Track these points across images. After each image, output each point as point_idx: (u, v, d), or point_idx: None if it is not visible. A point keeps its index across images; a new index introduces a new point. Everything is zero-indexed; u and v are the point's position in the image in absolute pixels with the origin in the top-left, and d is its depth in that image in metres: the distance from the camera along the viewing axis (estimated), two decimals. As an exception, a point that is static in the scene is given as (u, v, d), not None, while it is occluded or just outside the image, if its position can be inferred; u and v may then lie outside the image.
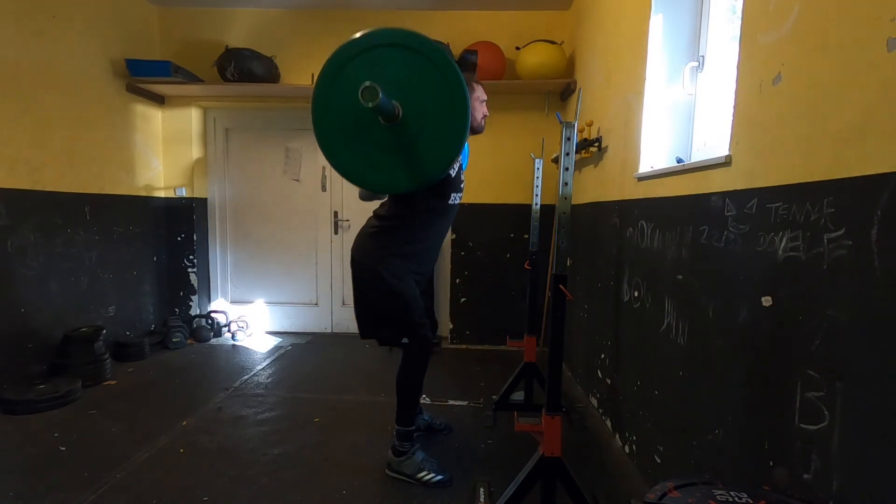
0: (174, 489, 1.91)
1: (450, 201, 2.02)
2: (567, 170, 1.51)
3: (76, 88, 3.16)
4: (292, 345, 3.97)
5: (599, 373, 2.66)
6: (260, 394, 2.92)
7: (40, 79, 2.90)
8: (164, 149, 4.03)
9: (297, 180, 4.25)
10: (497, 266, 3.99)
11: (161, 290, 4.02)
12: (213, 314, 4.13)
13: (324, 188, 4.24)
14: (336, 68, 1.66)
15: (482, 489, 1.87)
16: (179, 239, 4.09)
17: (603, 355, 2.61)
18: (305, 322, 4.35)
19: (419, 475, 1.97)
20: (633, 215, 2.19)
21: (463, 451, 2.27)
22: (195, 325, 4.01)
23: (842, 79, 1.03)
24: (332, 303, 4.32)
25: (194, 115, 4.07)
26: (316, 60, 3.84)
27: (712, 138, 1.90)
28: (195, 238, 4.11)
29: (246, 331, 4.11)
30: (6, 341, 2.70)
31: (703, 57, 1.98)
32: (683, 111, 2.06)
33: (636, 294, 2.13)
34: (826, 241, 1.05)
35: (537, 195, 2.62)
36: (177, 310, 4.13)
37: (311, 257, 4.31)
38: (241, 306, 4.35)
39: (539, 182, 2.61)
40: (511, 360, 3.63)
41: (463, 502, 1.86)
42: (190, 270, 4.13)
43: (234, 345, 3.94)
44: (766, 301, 1.24)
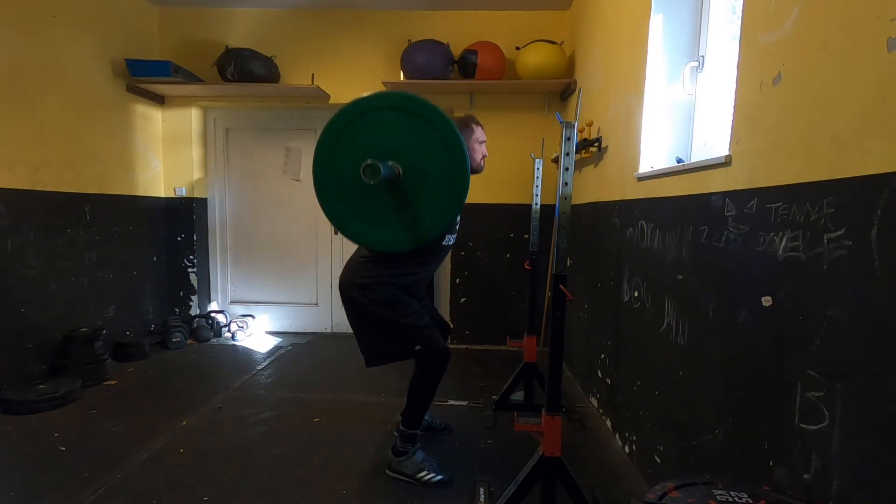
0: (174, 489, 1.91)
1: (443, 242, 2.03)
2: (567, 170, 1.51)
3: (76, 88, 3.16)
4: (292, 345, 3.97)
5: (599, 373, 2.66)
6: (260, 394, 2.92)
7: (40, 79, 2.90)
8: (164, 149, 4.02)
9: (297, 180, 4.25)
10: (497, 266, 3.99)
11: (161, 290, 4.02)
12: (213, 314, 4.13)
13: (324, 188, 4.23)
14: (336, 132, 1.68)
15: (482, 489, 1.87)
16: (179, 239, 4.09)
17: (603, 355, 2.61)
18: (305, 322, 4.35)
19: (419, 475, 1.97)
20: (633, 215, 2.19)
21: (463, 451, 2.27)
22: (195, 325, 4.01)
23: (842, 79, 1.03)
24: (332, 303, 4.31)
25: (194, 115, 4.07)
26: (316, 60, 3.88)
27: (712, 138, 1.90)
28: (195, 238, 4.11)
29: (246, 331, 4.11)
30: (6, 341, 2.70)
31: (703, 57, 1.98)
32: (683, 111, 2.06)
33: (636, 294, 2.13)
34: (826, 241, 1.05)
35: (537, 195, 2.62)
36: (177, 310, 4.13)
37: (311, 257, 4.31)
38: (241, 306, 4.35)
39: (539, 182, 2.61)
40: (511, 360, 3.63)
41: (463, 502, 1.86)
42: (190, 270, 4.13)
43: (234, 345, 3.94)
44: (766, 301, 1.24)
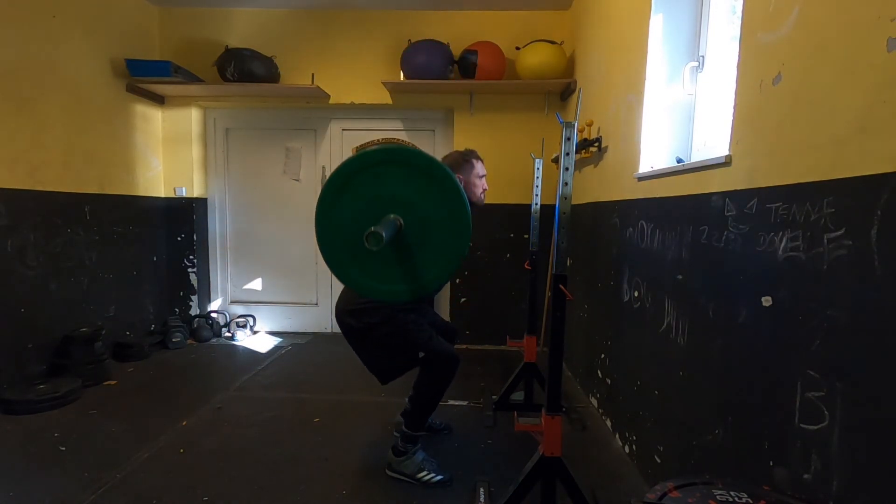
0: (174, 489, 1.91)
1: None
2: (567, 170, 1.51)
3: (76, 88, 3.16)
4: (292, 345, 3.97)
5: (599, 373, 2.66)
6: (260, 394, 2.92)
7: (40, 79, 2.90)
8: (164, 149, 4.02)
9: (297, 180, 4.25)
10: (497, 266, 3.99)
11: (161, 290, 4.02)
12: (213, 314, 4.13)
13: (324, 188, 4.23)
14: (339, 184, 1.70)
15: (482, 489, 1.87)
16: (179, 239, 4.09)
17: (603, 355, 2.61)
18: (305, 322, 4.35)
19: (419, 475, 1.97)
20: (633, 215, 2.19)
21: (463, 451, 2.27)
22: (195, 325, 4.01)
23: (842, 79, 1.03)
24: (332, 303, 4.30)
25: (194, 115, 4.07)
26: (316, 60, 3.88)
27: (712, 138, 1.90)
28: (195, 238, 4.11)
29: (246, 331, 4.11)
30: (6, 341, 2.70)
31: (703, 57, 1.98)
32: (683, 111, 2.06)
33: (636, 294, 2.13)
34: (826, 241, 1.05)
35: (537, 195, 2.62)
36: (177, 310, 4.12)
37: (311, 257, 4.31)
38: (241, 306, 4.35)
39: (539, 182, 2.61)
40: (511, 360, 3.63)
41: (463, 502, 1.86)
42: (190, 270, 4.13)
43: (234, 345, 3.94)
44: (766, 301, 1.24)
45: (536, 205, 2.63)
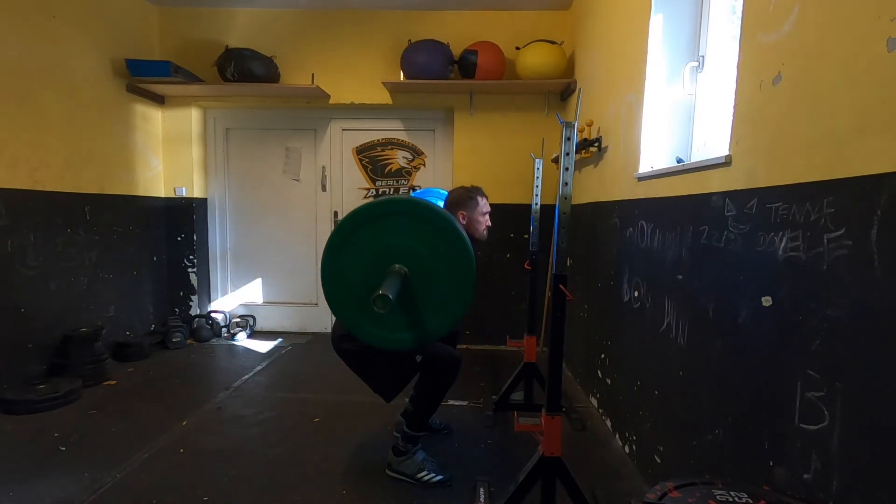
0: (174, 489, 1.91)
1: None
2: (567, 170, 1.51)
3: (76, 88, 3.16)
4: (292, 345, 3.97)
5: (599, 373, 2.66)
6: (260, 394, 2.92)
7: (40, 79, 2.90)
8: (164, 149, 4.02)
9: (297, 180, 4.25)
10: (497, 266, 3.99)
11: (161, 290, 4.02)
12: (213, 314, 4.13)
13: (324, 188, 4.24)
14: (346, 234, 1.73)
15: (482, 489, 1.87)
16: (179, 239, 4.09)
17: (603, 355, 2.61)
18: (305, 322, 4.35)
19: (419, 475, 1.97)
20: (633, 215, 2.19)
21: (463, 451, 2.27)
22: (195, 325, 4.01)
23: (842, 79, 1.03)
24: (332, 303, 4.31)
25: (194, 115, 4.07)
26: (316, 60, 3.88)
27: (712, 138, 1.90)
28: (195, 238, 4.11)
29: (246, 331, 4.11)
30: (6, 341, 2.70)
31: (703, 57, 1.98)
32: (683, 111, 2.06)
33: (636, 294, 2.13)
34: (826, 241, 1.05)
35: (537, 195, 2.62)
36: (177, 310, 4.12)
37: (311, 257, 4.30)
38: (241, 306, 4.35)
39: (539, 182, 2.61)
40: (511, 360, 3.63)
41: (463, 502, 1.86)
42: (190, 270, 4.13)
43: (234, 345, 3.94)
44: (766, 301, 1.24)
45: (536, 205, 2.63)
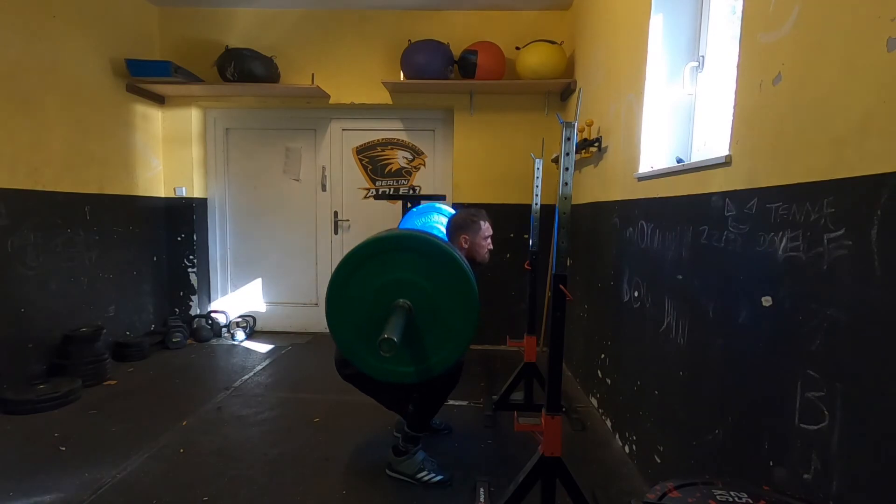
0: (174, 489, 1.91)
1: None
2: (567, 170, 1.51)
3: (76, 88, 3.16)
4: (292, 345, 3.97)
5: (599, 373, 2.66)
6: (260, 394, 2.92)
7: (40, 79, 2.90)
8: (164, 149, 4.02)
9: (297, 180, 4.25)
10: (497, 266, 3.99)
11: (161, 290, 4.02)
12: (213, 314, 4.13)
13: (324, 188, 4.24)
14: (351, 269, 1.75)
15: (482, 489, 1.87)
16: (179, 239, 4.09)
17: (603, 355, 2.61)
18: (305, 322, 4.35)
19: (419, 475, 1.97)
20: (633, 215, 2.19)
21: (463, 451, 2.27)
22: (195, 325, 4.01)
23: (842, 79, 1.03)
24: (332, 303, 4.31)
25: (194, 115, 4.07)
26: (316, 60, 3.88)
27: (712, 138, 1.90)
28: (195, 238, 4.11)
29: (246, 331, 4.11)
30: (6, 341, 2.70)
31: (703, 57, 1.98)
32: (683, 111, 2.06)
33: (636, 294, 2.13)
34: (826, 241, 1.05)
35: (537, 195, 2.62)
36: (177, 310, 4.13)
37: (311, 257, 4.31)
38: (241, 306, 4.35)
39: (539, 182, 2.60)
40: (511, 360, 3.63)
41: (463, 502, 1.86)
42: (190, 270, 4.13)
43: (234, 345, 3.94)
44: (766, 301, 1.24)
45: (536, 205, 2.63)
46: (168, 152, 4.03)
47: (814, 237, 1.09)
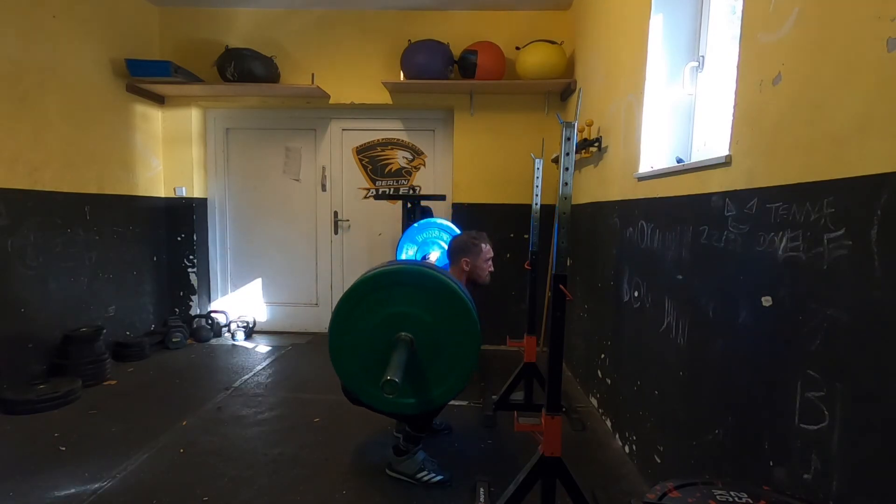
0: (174, 489, 1.91)
1: None
2: (567, 170, 1.51)
3: (76, 88, 3.16)
4: (292, 345, 3.97)
5: (599, 373, 2.66)
6: (260, 394, 2.92)
7: (40, 79, 2.90)
8: (164, 149, 4.02)
9: (297, 180, 4.25)
10: (497, 266, 3.97)
11: (161, 290, 4.02)
12: (213, 314, 4.13)
13: (324, 188, 4.24)
14: (354, 302, 1.78)
15: (482, 489, 1.87)
16: (179, 239, 4.09)
17: (603, 355, 2.61)
18: (305, 322, 4.35)
19: (419, 475, 1.97)
20: (633, 215, 2.19)
21: (463, 451, 2.27)
22: (195, 325, 4.01)
23: (842, 79, 1.03)
24: (332, 303, 4.31)
25: (194, 115, 4.07)
26: (316, 60, 3.88)
27: (712, 138, 1.90)
28: (195, 238, 4.11)
29: (246, 331, 4.11)
30: (6, 341, 2.70)
31: (703, 57, 1.98)
32: (683, 111, 2.06)
33: (636, 294, 2.13)
34: (826, 241, 1.05)
35: (537, 195, 2.62)
36: (177, 310, 4.13)
37: (311, 257, 4.31)
38: (241, 306, 4.35)
39: (539, 182, 2.60)
40: (511, 360, 3.63)
41: (463, 502, 1.86)
42: (190, 270, 4.13)
43: (234, 345, 3.94)
44: (766, 301, 1.24)
45: (536, 205, 2.63)
46: (168, 152, 4.03)
47: (814, 237, 1.09)
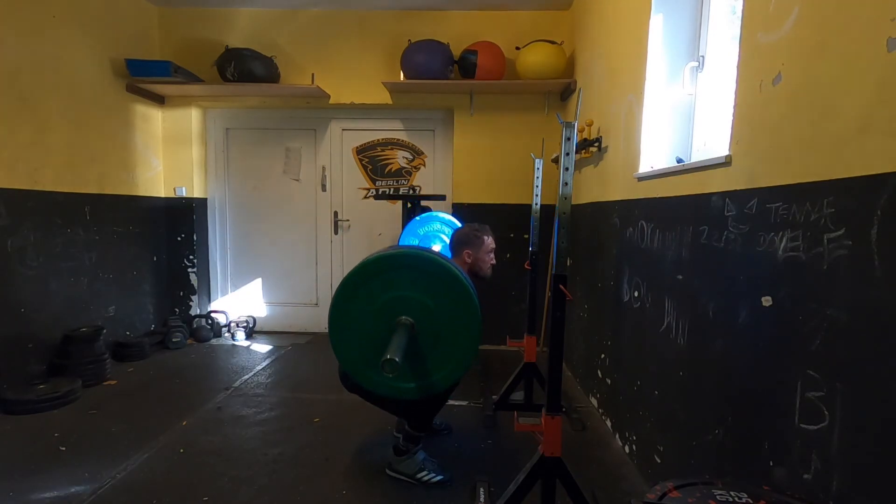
0: (174, 489, 1.91)
1: None
2: (567, 170, 1.51)
3: (76, 88, 3.16)
4: (292, 345, 3.97)
5: (599, 373, 2.66)
6: (260, 394, 2.92)
7: (40, 79, 2.90)
8: (164, 149, 4.02)
9: (297, 180, 4.25)
10: (497, 266, 3.97)
11: (161, 290, 4.02)
12: (213, 314, 4.13)
13: (324, 188, 4.24)
14: (354, 286, 1.77)
15: (482, 489, 1.87)
16: (179, 239, 4.09)
17: (603, 355, 2.61)
18: (305, 322, 4.35)
19: (419, 475, 1.97)
20: (633, 215, 2.19)
21: (463, 451, 2.27)
22: (195, 325, 4.01)
23: (842, 79, 1.03)
24: (332, 303, 4.31)
25: (194, 115, 4.07)
26: (316, 60, 3.88)
27: (712, 138, 1.90)
28: (195, 238, 4.11)
29: (246, 331, 4.11)
30: (6, 341, 2.70)
31: (703, 57, 1.98)
32: (683, 111, 2.06)
33: (636, 294, 2.13)
34: (826, 241, 1.05)
35: (537, 195, 2.62)
36: (177, 310, 4.12)
37: (311, 257, 4.31)
38: (241, 306, 4.35)
39: (539, 182, 2.60)
40: (511, 360, 3.63)
41: (463, 502, 1.86)
42: (190, 270, 4.13)
43: (234, 345, 3.94)
44: (766, 301, 1.24)
45: (536, 205, 2.63)
46: (168, 152, 4.03)
47: (814, 237, 1.09)
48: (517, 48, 3.60)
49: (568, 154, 1.51)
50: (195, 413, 2.61)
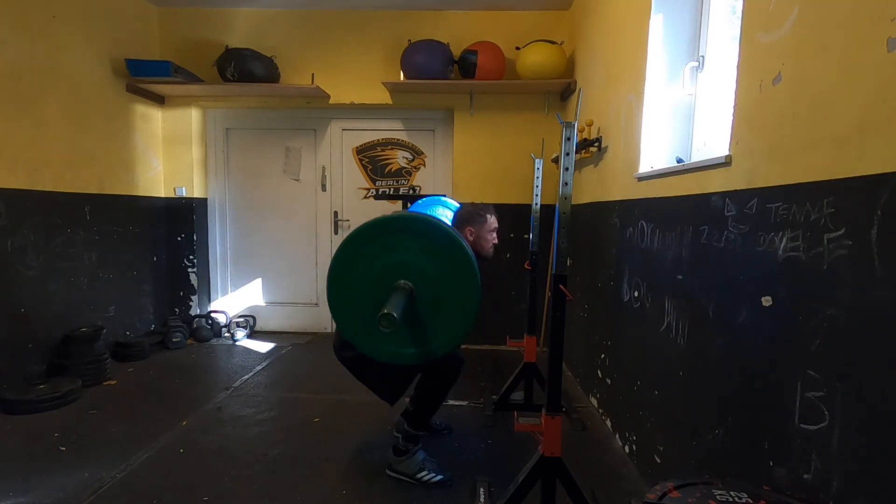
0: (174, 489, 1.91)
1: None
2: (567, 170, 1.51)
3: (76, 88, 3.16)
4: (292, 345, 3.97)
5: (599, 373, 2.66)
6: (260, 394, 2.92)
7: (40, 79, 2.90)
8: (164, 149, 4.02)
9: (297, 180, 4.25)
10: (497, 266, 3.99)
11: (161, 290, 4.02)
12: (213, 314, 4.13)
13: (324, 188, 4.24)
14: (353, 250, 1.74)
15: (482, 489, 1.87)
16: (179, 239, 4.09)
17: (603, 355, 2.61)
18: (305, 322, 4.35)
19: (419, 475, 1.97)
20: (633, 215, 2.19)
21: (463, 451, 2.27)
22: (195, 325, 4.01)
23: (842, 79, 1.03)
24: (332, 303, 4.31)
25: (194, 115, 4.07)
26: (316, 60, 3.88)
27: (712, 138, 1.90)
28: (195, 238, 4.11)
29: (246, 331, 4.11)
30: (6, 341, 2.70)
31: (703, 57, 1.98)
32: (683, 111, 2.06)
33: (636, 294, 2.13)
34: (826, 241, 1.05)
35: (537, 195, 2.62)
36: (177, 310, 4.13)
37: (311, 257, 4.31)
38: (241, 306, 4.35)
39: (539, 182, 2.60)
40: (511, 360, 3.63)
41: (463, 502, 1.86)
42: (190, 270, 4.13)
43: (234, 345, 3.94)
44: (766, 301, 1.24)
45: (536, 205, 2.63)
46: (168, 152, 4.03)
47: (814, 237, 1.09)
48: (517, 48, 3.60)
49: (568, 154, 1.51)
50: (195, 413, 2.61)
